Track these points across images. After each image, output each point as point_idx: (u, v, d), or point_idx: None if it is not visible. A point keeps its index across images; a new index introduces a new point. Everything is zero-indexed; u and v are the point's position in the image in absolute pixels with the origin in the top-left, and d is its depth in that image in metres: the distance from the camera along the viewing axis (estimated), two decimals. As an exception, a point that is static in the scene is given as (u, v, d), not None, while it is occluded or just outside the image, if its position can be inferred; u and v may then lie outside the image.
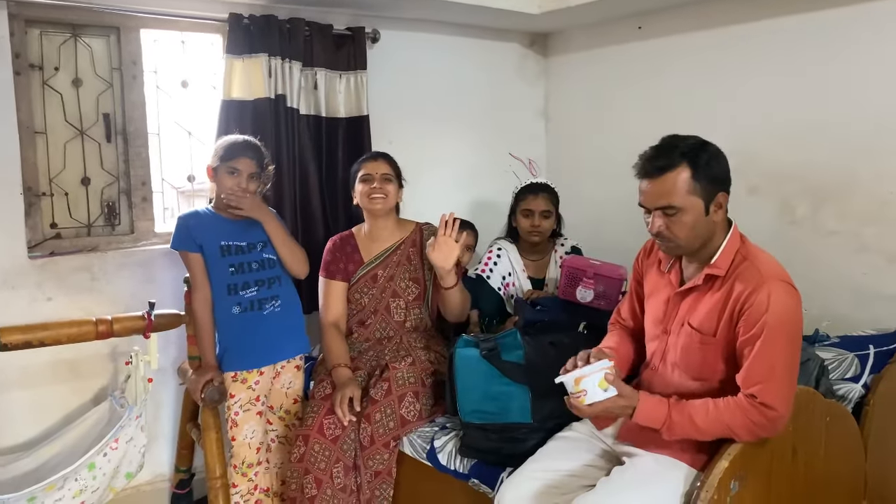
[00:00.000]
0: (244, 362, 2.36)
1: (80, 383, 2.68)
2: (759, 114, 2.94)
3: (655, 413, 1.72)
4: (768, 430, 1.65)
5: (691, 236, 1.76)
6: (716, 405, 1.69)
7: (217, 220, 2.37)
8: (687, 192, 1.72)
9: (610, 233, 3.20)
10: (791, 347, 1.69)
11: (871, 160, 2.62)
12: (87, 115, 2.71)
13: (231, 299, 2.34)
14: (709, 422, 1.67)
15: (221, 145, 2.36)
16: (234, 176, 2.31)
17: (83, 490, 2.24)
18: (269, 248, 2.41)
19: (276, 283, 2.42)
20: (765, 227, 2.91)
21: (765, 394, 1.64)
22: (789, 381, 1.68)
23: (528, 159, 3.67)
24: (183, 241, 2.33)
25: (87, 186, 2.74)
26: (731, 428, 1.65)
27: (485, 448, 2.06)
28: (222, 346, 2.39)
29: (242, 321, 2.36)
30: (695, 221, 1.73)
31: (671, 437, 1.71)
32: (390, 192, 2.57)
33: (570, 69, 3.79)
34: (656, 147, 1.78)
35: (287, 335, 2.45)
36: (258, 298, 2.37)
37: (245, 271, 2.35)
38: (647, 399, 1.74)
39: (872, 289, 2.65)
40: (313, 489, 2.24)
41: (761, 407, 1.63)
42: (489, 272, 2.85)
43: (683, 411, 1.70)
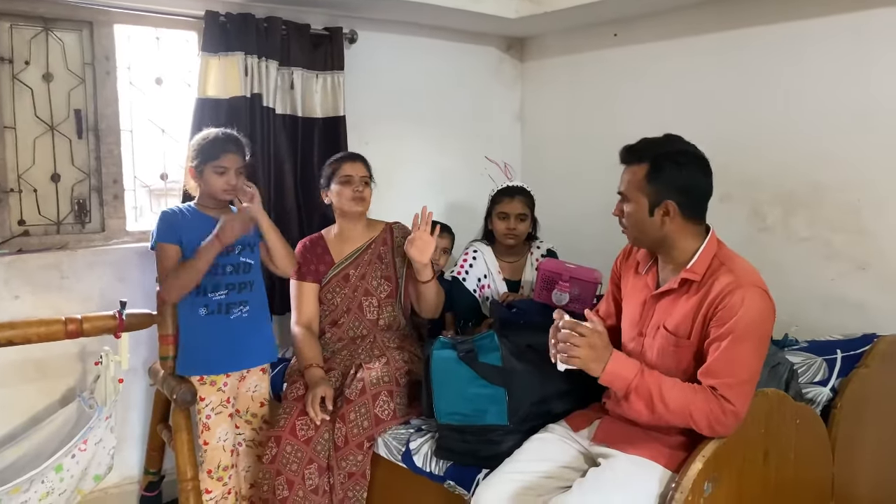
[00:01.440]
0: (211, 366, 2.32)
1: (47, 383, 2.63)
2: (732, 122, 2.98)
3: (625, 369, 1.74)
4: (723, 425, 1.66)
5: (636, 231, 1.86)
6: (684, 385, 1.72)
7: (201, 219, 2.31)
8: (636, 187, 1.82)
9: (585, 236, 3.22)
10: (757, 351, 1.71)
11: (840, 168, 2.68)
12: (57, 111, 2.66)
13: (199, 300, 2.29)
14: (674, 395, 1.70)
15: (202, 144, 2.29)
16: (223, 175, 2.27)
17: (50, 492, 2.19)
18: (246, 252, 2.37)
19: (247, 288, 2.37)
20: (736, 234, 2.92)
21: (725, 388, 1.66)
22: (752, 383, 1.71)
23: (504, 163, 3.70)
24: (166, 234, 2.25)
25: (58, 183, 2.69)
26: (692, 411, 1.67)
27: (461, 450, 2.06)
28: (186, 347, 2.33)
29: (208, 323, 2.31)
30: (637, 217, 1.83)
31: (634, 400, 1.73)
32: (368, 195, 2.60)
33: (546, 74, 3.81)
34: (641, 140, 1.86)
35: (254, 342, 2.39)
36: (226, 302, 2.32)
37: (218, 273, 2.30)
38: (620, 356, 1.77)
39: (840, 295, 2.70)
40: (285, 490, 2.23)
41: (721, 399, 1.66)
42: (465, 274, 2.86)
43: (653, 376, 1.73)
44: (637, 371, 1.74)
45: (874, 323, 2.51)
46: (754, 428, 1.77)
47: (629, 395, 1.73)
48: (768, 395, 1.81)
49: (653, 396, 1.71)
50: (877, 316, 2.58)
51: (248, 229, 2.28)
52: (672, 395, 1.70)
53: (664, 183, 1.78)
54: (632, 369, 1.74)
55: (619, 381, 1.74)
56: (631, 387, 1.72)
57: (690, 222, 1.82)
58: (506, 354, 2.07)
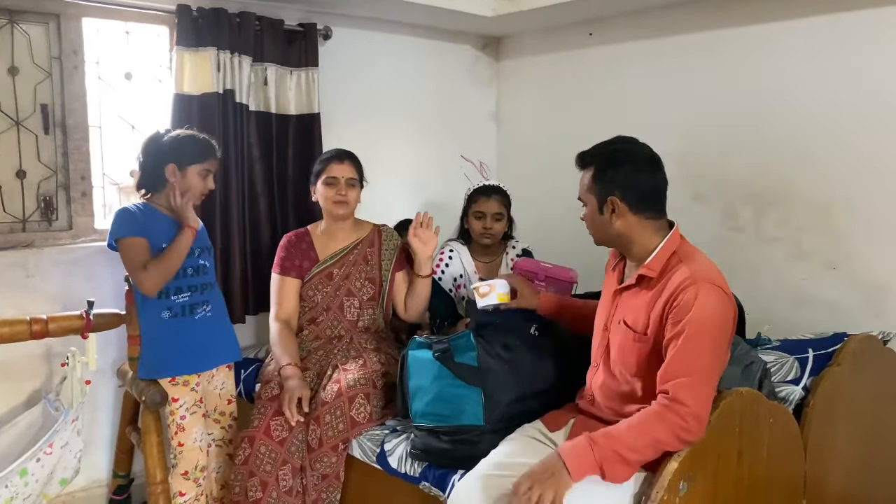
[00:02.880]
0: (185, 366, 2.27)
1: (11, 385, 2.56)
2: (705, 121, 3.01)
3: (580, 453, 1.66)
4: (688, 431, 1.65)
5: (594, 231, 1.93)
6: (635, 421, 1.69)
7: (158, 217, 2.25)
8: (587, 189, 1.90)
9: (560, 236, 3.21)
10: (712, 349, 1.71)
11: (811, 168, 2.71)
12: (23, 106, 2.60)
13: (161, 303, 2.24)
14: (635, 438, 1.66)
15: (189, 143, 2.25)
16: (205, 178, 2.27)
17: (14, 497, 2.14)
18: (204, 255, 2.35)
19: (209, 289, 2.35)
20: (708, 233, 2.98)
21: (678, 389, 1.66)
22: (707, 381, 1.70)
23: (480, 162, 3.69)
24: (132, 228, 2.18)
25: (23, 180, 2.62)
26: (658, 439, 1.65)
27: (436, 450, 2.04)
28: (152, 350, 2.27)
29: (173, 326, 2.26)
30: (591, 218, 1.90)
31: (611, 469, 1.65)
32: (353, 198, 2.59)
33: (521, 73, 3.81)
34: (594, 145, 1.92)
35: (220, 341, 2.37)
36: (190, 303, 2.28)
37: (179, 276, 2.25)
38: (563, 449, 1.69)
39: (811, 294, 2.74)
40: (258, 492, 2.19)
41: (674, 404, 1.65)
42: (441, 274, 2.84)
43: (605, 437, 1.68)
44: (587, 443, 1.67)
45: (844, 322, 2.55)
46: (728, 427, 1.78)
47: (604, 469, 1.66)
48: (742, 395, 1.81)
49: (621, 454, 1.66)
50: (847, 315, 2.62)
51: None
52: (633, 440, 1.66)
53: (607, 180, 1.84)
54: (584, 447, 1.67)
55: (586, 465, 1.66)
56: (597, 461, 1.66)
57: (643, 218, 1.84)
58: (482, 354, 2.05)
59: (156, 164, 2.25)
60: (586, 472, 1.65)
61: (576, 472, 1.64)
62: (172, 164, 2.23)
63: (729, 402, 1.76)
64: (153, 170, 2.25)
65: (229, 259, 2.84)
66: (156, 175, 2.25)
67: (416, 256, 2.55)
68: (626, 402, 1.87)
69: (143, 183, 2.28)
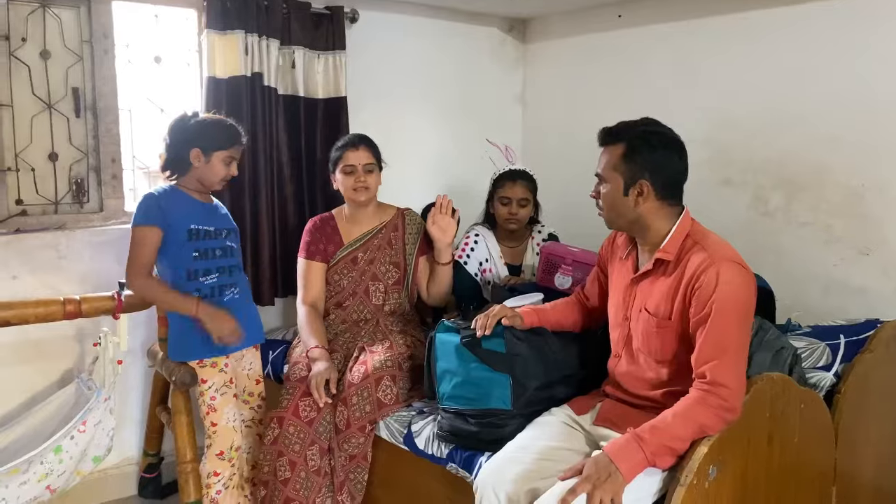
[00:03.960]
0: (211, 349, 2.28)
1: (45, 364, 2.61)
2: (735, 105, 2.97)
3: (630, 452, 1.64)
4: (732, 411, 1.66)
5: (610, 211, 1.88)
6: (678, 410, 1.67)
7: (186, 199, 2.27)
8: (612, 168, 1.84)
9: (586, 220, 3.18)
10: (740, 325, 1.71)
11: (844, 152, 2.66)
12: (55, 89, 2.62)
13: (190, 284, 2.25)
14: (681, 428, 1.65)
15: (215, 128, 2.26)
16: (229, 165, 2.28)
17: (49, 474, 2.18)
18: (232, 236, 2.36)
19: (236, 270, 2.37)
20: (737, 218, 2.95)
21: (715, 371, 1.66)
22: (740, 358, 1.71)
23: (505, 146, 3.65)
24: (153, 216, 2.19)
25: (55, 162, 2.65)
26: (702, 425, 1.64)
27: (463, 433, 2.05)
28: (181, 332, 2.28)
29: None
30: (612, 197, 1.85)
31: (663, 462, 1.65)
32: (373, 183, 2.59)
33: (548, 56, 3.78)
34: (618, 123, 1.88)
35: (247, 323, 2.38)
36: (218, 285, 2.29)
37: (209, 257, 2.27)
38: (611, 448, 1.66)
39: (842, 280, 2.70)
40: (287, 472, 2.22)
41: (715, 387, 1.65)
42: (466, 258, 2.84)
43: (652, 432, 1.65)
44: (635, 442, 1.65)
45: (876, 308, 2.52)
46: (759, 412, 1.77)
47: (655, 463, 1.66)
48: (773, 380, 1.80)
49: (670, 446, 1.65)
50: (879, 301, 2.58)
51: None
52: (680, 430, 1.65)
53: (639, 162, 1.81)
54: (633, 447, 1.64)
55: (637, 463, 1.64)
56: (648, 458, 1.64)
57: (664, 203, 1.83)
58: (509, 339, 2.05)
59: (181, 147, 2.24)
60: (638, 471, 1.64)
61: (628, 472, 1.62)
62: (198, 148, 2.23)
63: (760, 387, 1.75)
64: (178, 153, 2.25)
65: (258, 242, 2.85)
66: (181, 158, 2.25)
67: (435, 244, 2.56)
68: (653, 388, 1.87)
69: (168, 165, 2.28)
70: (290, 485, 2.21)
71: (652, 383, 1.86)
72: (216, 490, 2.28)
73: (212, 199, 2.38)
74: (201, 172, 2.25)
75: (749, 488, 1.77)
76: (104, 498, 2.78)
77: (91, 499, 2.73)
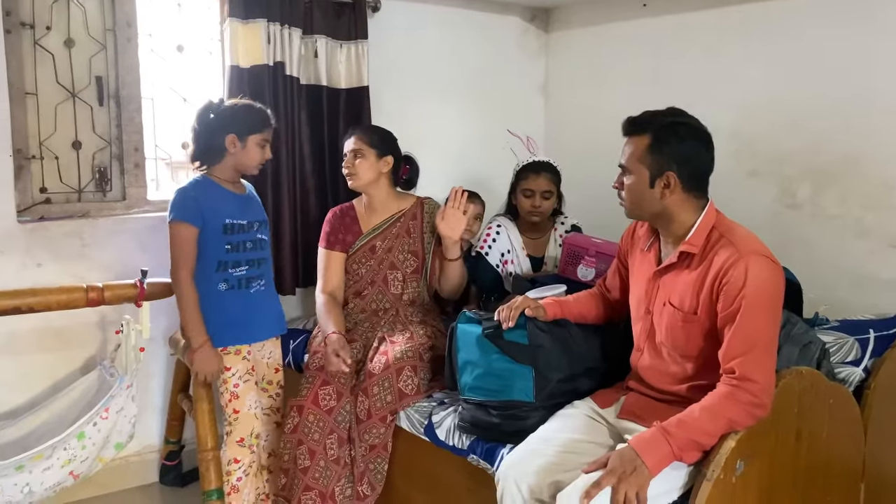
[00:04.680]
0: (238, 337, 2.30)
1: (68, 352, 2.63)
2: (762, 96, 2.91)
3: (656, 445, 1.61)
4: (762, 407, 1.62)
5: (634, 202, 1.84)
6: (706, 405, 1.64)
7: (220, 192, 2.26)
8: (638, 159, 1.79)
9: (609, 212, 3.14)
10: (770, 320, 1.68)
11: (875, 143, 2.61)
12: (79, 78, 2.63)
13: (218, 276, 2.26)
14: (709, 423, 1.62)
15: (247, 112, 2.25)
16: (264, 148, 2.27)
17: (72, 459, 2.20)
18: (262, 229, 2.36)
19: (264, 263, 2.37)
20: (764, 211, 2.90)
21: (744, 366, 1.62)
22: (770, 353, 1.67)
23: (527, 136, 3.62)
24: (191, 213, 2.18)
25: (79, 151, 2.66)
26: (731, 420, 1.62)
27: (485, 425, 2.03)
28: (209, 320, 2.27)
29: (228, 298, 2.28)
30: (638, 189, 1.80)
31: (689, 457, 1.63)
32: (361, 169, 2.55)
33: (571, 45, 3.73)
34: (644, 112, 1.84)
35: (271, 314, 2.40)
36: (246, 277, 2.30)
37: (240, 250, 2.27)
38: (637, 442, 1.64)
39: (871, 274, 2.65)
40: (307, 460, 2.22)
41: (744, 383, 1.61)
42: (487, 249, 2.81)
43: (679, 426, 1.63)
44: (662, 436, 1.62)
45: (907, 303, 2.46)
46: (788, 407, 1.74)
47: (682, 457, 1.63)
48: (802, 374, 1.77)
49: (697, 441, 1.62)
50: (910, 296, 2.53)
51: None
52: (708, 425, 1.62)
53: (666, 154, 1.77)
54: (660, 440, 1.62)
55: (664, 457, 1.62)
56: (675, 452, 1.62)
57: (690, 196, 1.80)
58: (532, 331, 2.02)
59: (214, 134, 2.22)
60: (664, 465, 1.61)
61: (654, 466, 1.59)
62: (233, 134, 2.22)
63: (788, 381, 1.72)
64: (210, 140, 2.23)
65: (279, 233, 2.85)
66: (213, 146, 2.23)
67: (443, 241, 2.54)
68: (677, 382, 1.84)
69: (197, 154, 2.27)
70: (310, 473, 2.21)
71: (676, 377, 1.83)
72: (237, 477, 2.29)
73: (244, 188, 2.37)
74: (238, 158, 2.25)
75: (776, 484, 1.74)
76: (126, 485, 2.80)
77: (113, 485, 2.75)
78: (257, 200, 2.42)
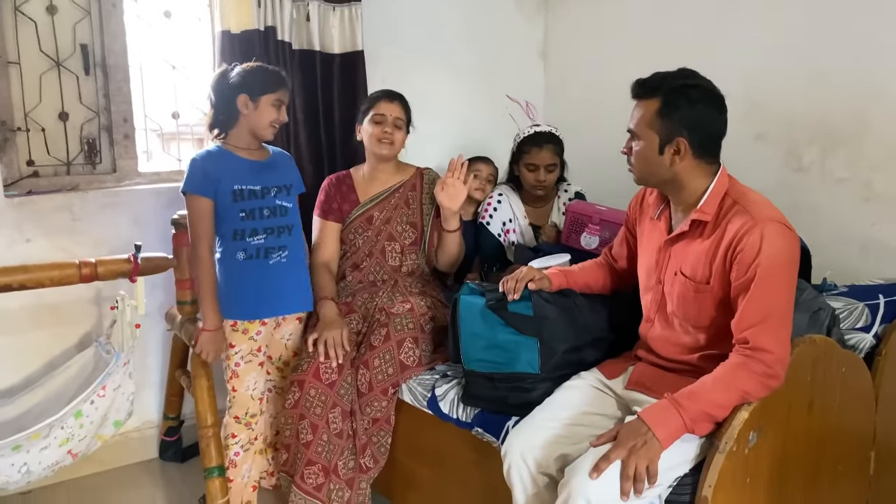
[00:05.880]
0: (245, 311, 2.24)
1: (62, 329, 2.58)
2: (768, 57, 2.84)
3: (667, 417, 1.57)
4: (776, 377, 1.58)
5: (643, 169, 1.78)
6: (719, 375, 1.60)
7: (232, 160, 2.20)
8: (647, 124, 1.73)
9: (612, 178, 3.08)
10: (786, 288, 1.63)
11: (885, 106, 2.54)
12: (63, 46, 2.54)
13: (236, 244, 2.20)
14: (722, 393, 1.58)
15: (259, 73, 2.18)
16: (279, 108, 2.20)
17: (70, 438, 2.16)
18: (282, 195, 2.26)
19: (286, 232, 2.27)
20: (771, 175, 2.84)
21: (758, 336, 1.58)
22: (784, 323, 1.62)
23: (526, 102, 3.55)
24: (197, 183, 2.13)
25: (66, 122, 2.58)
26: (744, 391, 1.57)
27: (489, 397, 2.00)
28: (222, 292, 2.22)
29: (246, 268, 2.22)
30: (646, 155, 1.74)
31: (701, 429, 1.59)
32: (399, 139, 2.50)
33: (572, 5, 3.63)
34: (654, 74, 1.76)
35: (292, 289, 2.31)
36: (265, 247, 2.23)
37: (255, 217, 2.20)
38: (648, 413, 1.59)
39: (879, 238, 2.60)
40: (309, 434, 2.18)
41: (758, 353, 1.57)
42: (489, 218, 2.76)
43: (690, 397, 1.58)
44: (673, 407, 1.58)
45: (917, 268, 2.43)
46: (801, 376, 1.70)
47: (693, 429, 1.59)
48: (816, 343, 1.73)
49: (710, 413, 1.58)
50: (920, 260, 2.49)
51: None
52: (720, 397, 1.58)
53: (676, 119, 1.70)
54: (671, 412, 1.57)
55: (675, 429, 1.57)
56: (687, 424, 1.57)
57: (702, 161, 1.73)
58: (537, 302, 1.98)
59: (227, 99, 2.17)
60: (676, 437, 1.57)
61: (665, 439, 1.55)
62: (244, 94, 2.16)
63: (802, 350, 1.68)
64: (225, 106, 2.18)
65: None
66: (228, 111, 2.18)
67: (442, 212, 2.47)
68: (689, 352, 1.79)
69: (215, 122, 2.21)
70: (313, 447, 2.18)
71: (688, 347, 1.79)
72: (234, 451, 2.28)
73: (265, 155, 2.28)
74: (251, 120, 2.18)
75: (788, 454, 1.71)
76: (125, 461, 2.78)
77: (112, 462, 2.73)
78: (287, 166, 2.33)
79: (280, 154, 2.35)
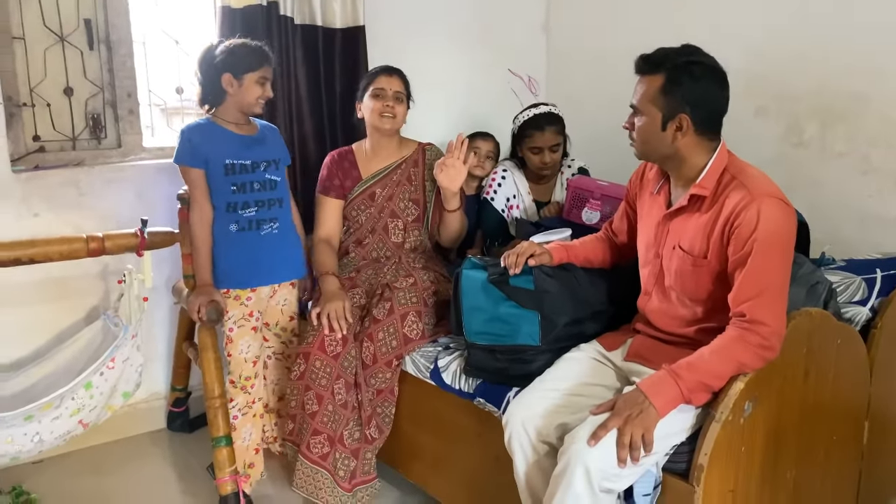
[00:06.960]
0: (238, 281, 2.31)
1: (70, 302, 2.62)
2: (769, 32, 2.83)
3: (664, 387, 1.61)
4: (772, 349, 1.62)
5: (644, 144, 1.79)
6: (716, 346, 1.63)
7: (223, 134, 2.25)
8: (650, 100, 1.74)
9: (616, 153, 3.09)
10: (782, 263, 1.66)
11: (884, 80, 2.55)
12: (67, 21, 2.55)
13: (229, 216, 2.27)
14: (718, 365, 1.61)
15: (242, 51, 2.21)
16: (263, 85, 2.23)
17: (80, 409, 2.20)
18: (272, 169, 2.32)
19: (277, 205, 2.34)
20: (770, 149, 2.86)
21: (754, 309, 1.61)
22: (781, 296, 1.65)
23: (528, 77, 3.55)
24: (186, 155, 2.21)
25: (71, 97, 2.60)
26: (741, 362, 1.61)
27: (491, 368, 2.03)
28: (216, 262, 2.30)
29: (238, 239, 2.29)
30: (648, 131, 1.76)
31: (698, 398, 1.63)
32: (400, 112, 2.51)
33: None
34: (657, 50, 1.77)
35: (283, 258, 2.38)
36: (256, 219, 2.29)
37: (246, 191, 2.26)
38: (646, 384, 1.63)
39: (877, 212, 2.62)
40: (314, 405, 2.23)
41: (754, 325, 1.60)
42: (493, 194, 2.78)
43: (688, 368, 1.62)
44: (671, 378, 1.61)
45: (914, 242, 2.45)
46: (797, 348, 1.73)
47: (690, 399, 1.62)
48: (812, 315, 1.76)
49: (707, 383, 1.61)
50: (917, 235, 2.51)
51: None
52: (717, 368, 1.61)
53: (679, 95, 1.71)
54: (669, 382, 1.61)
55: (672, 399, 1.61)
56: (684, 394, 1.60)
57: (703, 138, 1.75)
58: (538, 276, 2.01)
59: (213, 76, 2.22)
60: (673, 407, 1.60)
61: (662, 408, 1.59)
62: (228, 73, 2.20)
63: (797, 322, 1.71)
64: (211, 84, 2.23)
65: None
66: (215, 88, 2.23)
67: (443, 192, 2.46)
68: (686, 325, 1.82)
69: (204, 98, 2.27)
70: (318, 418, 2.23)
71: (685, 320, 1.82)
72: (232, 415, 2.34)
73: (254, 130, 2.33)
74: (237, 98, 2.23)
75: (783, 423, 1.75)
76: (134, 431, 2.84)
77: (122, 432, 2.79)
78: (274, 140, 2.38)
79: (267, 127, 2.40)
